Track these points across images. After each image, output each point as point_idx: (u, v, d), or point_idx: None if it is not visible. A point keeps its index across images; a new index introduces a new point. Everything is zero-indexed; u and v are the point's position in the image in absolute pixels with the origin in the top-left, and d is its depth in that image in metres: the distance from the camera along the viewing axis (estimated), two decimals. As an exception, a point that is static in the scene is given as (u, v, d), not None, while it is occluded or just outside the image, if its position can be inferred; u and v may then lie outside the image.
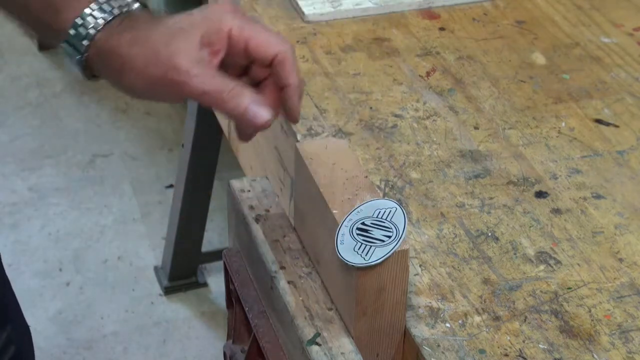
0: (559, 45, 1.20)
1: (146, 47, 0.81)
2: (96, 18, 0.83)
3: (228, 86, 0.80)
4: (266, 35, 0.81)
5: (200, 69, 0.79)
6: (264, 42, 0.81)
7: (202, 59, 0.80)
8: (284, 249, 0.92)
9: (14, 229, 2.31)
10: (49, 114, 2.63)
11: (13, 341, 1.14)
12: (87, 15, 0.83)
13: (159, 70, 0.80)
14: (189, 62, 0.79)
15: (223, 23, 0.80)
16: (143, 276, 2.22)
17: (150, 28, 0.82)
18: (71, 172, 2.48)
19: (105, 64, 0.83)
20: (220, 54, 0.81)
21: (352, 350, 0.83)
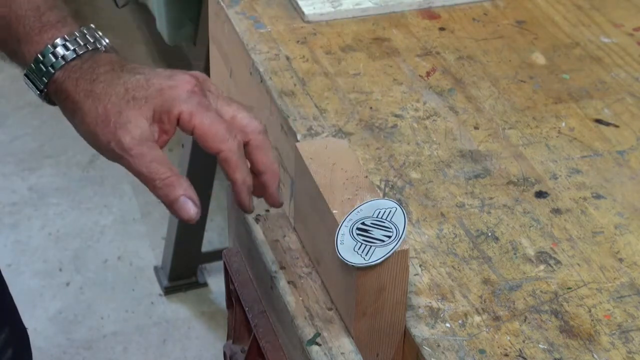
0: (559, 45, 1.20)
1: (100, 104, 0.81)
2: (57, 57, 0.83)
3: (163, 174, 0.80)
4: (215, 128, 0.80)
5: (141, 149, 0.79)
6: (209, 136, 0.80)
7: (147, 137, 0.80)
8: (284, 249, 0.92)
9: (14, 229, 2.31)
10: (49, 114, 2.63)
11: (11, 344, 1.14)
12: (49, 52, 0.83)
13: (104, 136, 0.80)
14: (132, 140, 0.79)
15: (174, 105, 0.80)
16: (143, 276, 2.22)
17: (109, 84, 0.81)
18: (71, 172, 2.48)
19: (61, 103, 0.84)
20: (169, 133, 0.81)
21: (352, 350, 0.83)
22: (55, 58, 0.83)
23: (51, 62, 0.83)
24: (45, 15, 0.85)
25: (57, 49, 0.83)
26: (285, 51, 1.16)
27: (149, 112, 0.80)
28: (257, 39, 1.17)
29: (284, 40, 1.18)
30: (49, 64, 0.83)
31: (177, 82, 0.80)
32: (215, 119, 0.80)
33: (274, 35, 1.19)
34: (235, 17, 1.21)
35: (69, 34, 0.83)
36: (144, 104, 0.80)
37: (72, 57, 0.83)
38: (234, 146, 0.80)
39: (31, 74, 0.84)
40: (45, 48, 0.83)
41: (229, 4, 1.23)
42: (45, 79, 0.84)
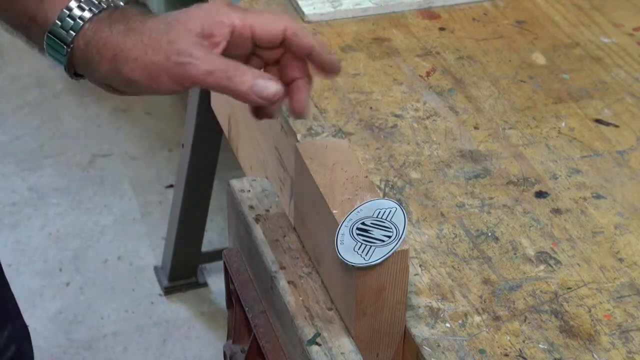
0: (559, 45, 1.20)
1: (143, 35, 0.79)
2: (83, 9, 0.81)
3: (233, 64, 0.79)
4: (268, 16, 0.81)
5: (203, 50, 0.78)
6: (269, 22, 0.81)
7: (203, 45, 0.79)
8: (284, 249, 0.92)
9: (14, 229, 2.31)
10: (49, 114, 2.63)
11: (13, 341, 1.14)
12: (74, 6, 0.81)
13: (160, 55, 0.78)
14: (192, 45, 0.78)
15: (224, 16, 0.80)
16: (143, 276, 2.22)
17: (144, 20, 0.80)
18: (71, 172, 2.48)
19: (96, 56, 0.80)
20: (221, 45, 0.80)
21: (352, 350, 0.83)
22: (82, 10, 0.80)
23: (78, 15, 0.80)
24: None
25: (82, 3, 0.81)
26: (285, 51, 1.15)
27: (197, 27, 0.79)
28: (257, 39, 1.17)
29: (284, 40, 1.18)
30: (77, 17, 0.80)
31: (212, 3, 0.81)
32: (264, 13, 0.82)
33: (274, 35, 1.18)
34: (235, 17, 1.21)
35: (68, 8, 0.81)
36: (189, 21, 0.79)
37: (97, 11, 0.81)
38: (292, 20, 0.81)
39: (57, 30, 0.80)
40: (69, 3, 0.80)
41: (229, 4, 1.23)
42: (74, 32, 0.80)
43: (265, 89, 0.79)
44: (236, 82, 0.79)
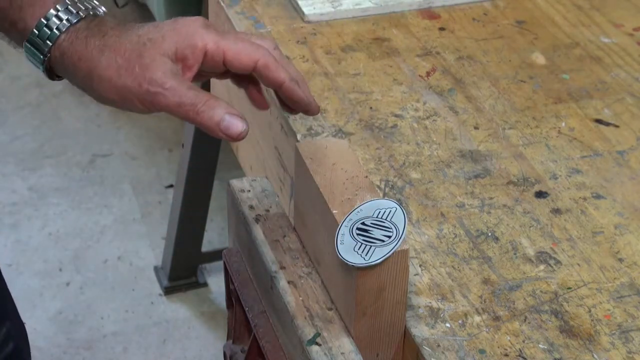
0: (559, 45, 1.20)
1: (118, 55, 0.79)
2: (61, 19, 0.81)
3: (202, 98, 0.79)
4: (242, 45, 0.81)
5: (174, 81, 0.79)
6: (242, 52, 0.80)
7: (175, 72, 0.79)
8: (284, 249, 0.92)
9: (14, 229, 2.31)
10: (49, 114, 2.63)
11: (12, 338, 1.14)
12: (52, 15, 0.81)
13: (133, 81, 0.79)
14: (164, 74, 0.78)
15: (197, 38, 0.79)
16: (143, 276, 2.22)
17: (120, 35, 0.80)
18: (71, 172, 2.48)
19: (71, 67, 0.81)
20: (193, 69, 0.80)
21: (352, 350, 0.83)
22: (60, 20, 0.81)
23: (55, 25, 0.81)
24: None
25: (60, 13, 0.81)
26: (285, 51, 1.16)
27: (170, 50, 0.79)
28: (257, 39, 1.17)
29: (284, 40, 1.18)
30: (54, 27, 0.81)
31: (187, 22, 0.80)
32: (238, 38, 0.81)
33: (274, 35, 1.19)
34: (235, 17, 1.21)
35: (61, 3, 0.81)
36: (163, 42, 0.79)
37: (75, 20, 0.81)
38: (266, 51, 0.81)
39: (34, 39, 0.81)
40: (47, 13, 0.81)
41: (229, 4, 1.23)
42: (50, 42, 0.81)
43: (231, 126, 0.80)
44: (203, 117, 0.79)
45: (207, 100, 0.79)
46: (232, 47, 0.80)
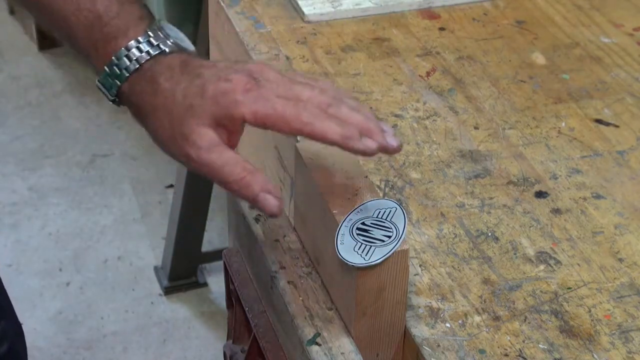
0: (559, 45, 1.20)
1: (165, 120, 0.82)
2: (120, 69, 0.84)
3: (237, 176, 0.80)
4: (281, 113, 0.79)
5: (209, 157, 0.80)
6: (282, 123, 0.79)
7: (214, 143, 0.80)
8: (284, 249, 0.92)
9: (14, 229, 2.31)
10: (49, 114, 2.63)
11: (7, 338, 1.14)
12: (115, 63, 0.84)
13: (175, 150, 0.82)
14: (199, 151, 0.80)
15: (234, 110, 0.79)
16: (143, 276, 2.22)
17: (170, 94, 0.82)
18: (71, 172, 2.48)
19: (133, 114, 0.87)
20: (236, 135, 0.81)
21: (352, 350, 0.83)
22: (119, 69, 0.84)
23: (116, 75, 0.84)
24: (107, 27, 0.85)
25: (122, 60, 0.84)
26: (285, 51, 1.16)
27: (210, 119, 0.80)
28: (257, 39, 1.17)
29: (284, 40, 1.18)
30: (114, 77, 0.84)
31: (231, 84, 0.80)
32: (279, 104, 0.79)
33: (274, 35, 1.19)
34: (235, 17, 1.21)
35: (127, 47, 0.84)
36: (202, 113, 0.80)
37: (134, 68, 0.83)
38: (306, 117, 0.79)
39: (101, 86, 0.86)
40: (109, 61, 0.84)
41: (229, 4, 1.23)
42: (114, 90, 0.85)
43: (266, 205, 0.80)
44: (240, 194, 0.81)
45: (242, 179, 0.80)
46: (271, 118, 0.79)
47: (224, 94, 0.80)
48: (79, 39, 0.86)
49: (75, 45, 0.88)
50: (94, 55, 0.86)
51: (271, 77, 0.81)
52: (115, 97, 0.86)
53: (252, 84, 0.80)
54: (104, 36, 0.85)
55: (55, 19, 0.87)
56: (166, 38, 0.85)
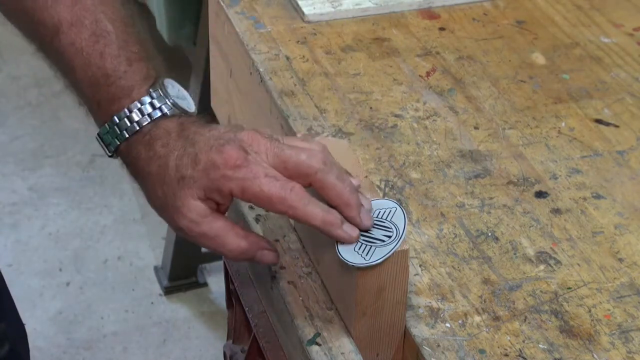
0: (559, 45, 1.20)
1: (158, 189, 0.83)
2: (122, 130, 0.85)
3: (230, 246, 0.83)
4: (267, 194, 0.80)
5: (200, 228, 0.82)
6: (266, 203, 0.80)
7: (204, 214, 0.82)
8: (284, 249, 0.92)
9: (14, 229, 2.31)
10: (48, 114, 2.63)
11: (8, 338, 1.14)
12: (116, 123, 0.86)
13: (167, 219, 0.84)
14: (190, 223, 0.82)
15: (222, 184, 0.80)
16: (143, 276, 2.22)
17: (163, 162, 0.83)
18: (71, 172, 2.48)
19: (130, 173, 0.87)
20: (225, 206, 0.82)
21: (352, 350, 0.83)
22: (120, 129, 0.85)
23: (116, 134, 0.86)
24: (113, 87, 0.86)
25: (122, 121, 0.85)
26: (285, 51, 1.16)
27: (200, 192, 0.81)
28: (257, 39, 1.17)
29: (284, 40, 1.18)
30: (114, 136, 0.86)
31: (222, 157, 0.80)
32: (264, 184, 0.80)
33: (274, 35, 1.19)
34: (235, 17, 1.21)
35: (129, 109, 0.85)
36: (193, 184, 0.81)
37: (134, 131, 0.85)
38: (291, 201, 0.79)
39: (100, 140, 0.88)
40: (110, 119, 0.86)
41: (229, 4, 1.23)
42: (113, 147, 0.86)
43: (262, 262, 0.85)
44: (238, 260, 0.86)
45: (235, 248, 0.82)
46: (257, 196, 0.80)
47: (214, 167, 0.81)
48: (83, 92, 0.88)
49: (77, 94, 0.90)
50: (96, 110, 0.87)
51: (261, 148, 0.81)
52: (113, 153, 0.87)
53: (242, 159, 0.80)
54: (109, 96, 0.86)
55: (63, 67, 0.89)
56: (166, 98, 0.86)
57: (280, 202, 0.80)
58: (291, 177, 0.80)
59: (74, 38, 0.87)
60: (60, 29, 0.87)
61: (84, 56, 0.87)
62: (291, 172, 0.81)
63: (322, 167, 0.81)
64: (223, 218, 0.82)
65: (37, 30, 0.89)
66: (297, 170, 0.80)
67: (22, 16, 0.90)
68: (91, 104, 0.88)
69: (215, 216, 0.82)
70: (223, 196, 0.81)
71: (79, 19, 0.87)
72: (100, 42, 0.87)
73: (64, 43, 0.87)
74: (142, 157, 0.84)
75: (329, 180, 0.81)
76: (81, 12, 0.87)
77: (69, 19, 0.87)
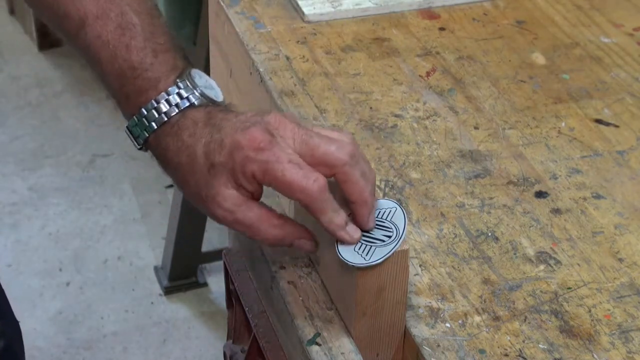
0: (559, 45, 1.20)
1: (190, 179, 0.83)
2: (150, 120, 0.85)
3: (265, 234, 0.82)
4: (288, 180, 0.79)
5: (235, 216, 0.82)
6: (285, 188, 0.79)
7: (238, 202, 0.81)
8: (284, 249, 0.92)
9: (14, 229, 2.31)
10: (49, 114, 2.63)
11: (4, 336, 1.14)
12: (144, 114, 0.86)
13: (203, 209, 0.83)
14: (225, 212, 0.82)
15: (245, 166, 0.80)
16: (143, 276, 2.22)
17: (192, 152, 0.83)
18: (71, 172, 2.48)
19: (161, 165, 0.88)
20: (257, 194, 0.82)
21: (352, 350, 0.83)
22: (148, 121, 0.85)
23: (144, 126, 0.86)
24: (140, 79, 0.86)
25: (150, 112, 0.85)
26: (285, 51, 1.16)
27: (229, 180, 0.81)
28: (257, 39, 1.17)
29: (284, 40, 1.18)
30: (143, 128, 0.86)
31: (247, 138, 0.80)
32: (289, 169, 0.79)
33: (274, 35, 1.19)
34: (235, 17, 1.21)
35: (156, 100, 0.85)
36: (222, 171, 0.81)
37: (162, 122, 0.85)
38: (311, 192, 0.79)
39: (130, 133, 0.88)
40: (138, 111, 0.86)
41: (229, 4, 1.23)
42: (142, 140, 0.87)
43: (300, 250, 0.84)
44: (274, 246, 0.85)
45: (272, 237, 0.82)
46: (277, 180, 0.79)
47: (238, 149, 0.80)
48: (110, 85, 0.88)
49: (105, 87, 0.89)
50: (124, 103, 0.87)
51: (288, 133, 0.81)
52: (142, 146, 0.88)
53: (266, 141, 0.79)
54: (136, 88, 0.86)
55: (90, 59, 0.89)
56: (194, 88, 0.85)
57: (300, 190, 0.79)
58: (316, 165, 0.80)
59: (99, 31, 0.87)
60: (86, 22, 0.87)
61: (110, 49, 0.87)
62: (317, 161, 0.80)
63: (349, 161, 0.80)
64: (258, 206, 0.82)
65: (62, 23, 0.89)
66: (324, 160, 0.80)
67: (47, 8, 0.89)
68: (119, 97, 0.87)
69: (250, 204, 0.81)
70: (247, 178, 0.80)
71: (105, 11, 0.87)
72: (126, 35, 0.86)
73: (90, 36, 0.87)
74: (171, 149, 0.84)
75: (354, 175, 0.80)
76: (107, 4, 0.87)
77: (94, 11, 0.87)
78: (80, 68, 2.77)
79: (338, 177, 0.80)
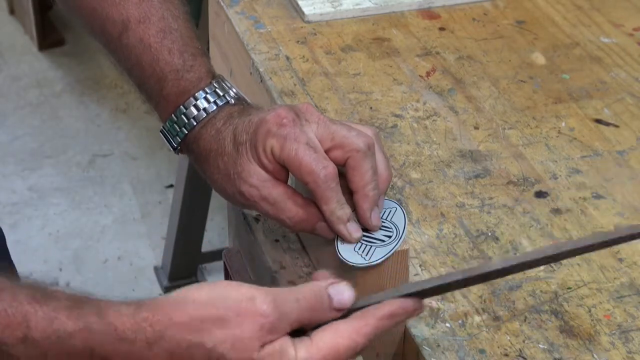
0: (559, 45, 1.20)
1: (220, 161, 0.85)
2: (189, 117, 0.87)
3: (289, 213, 0.82)
4: (300, 159, 0.80)
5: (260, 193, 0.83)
6: (296, 167, 0.80)
7: (264, 179, 0.82)
8: (284, 249, 0.92)
9: (14, 229, 2.31)
10: (49, 114, 2.63)
11: None
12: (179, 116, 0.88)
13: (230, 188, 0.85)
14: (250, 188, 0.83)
15: (266, 139, 0.81)
16: (143, 276, 2.22)
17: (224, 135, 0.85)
18: (71, 172, 2.48)
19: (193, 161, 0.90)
20: (281, 174, 0.83)
21: (352, 350, 0.82)
22: (187, 118, 0.87)
23: (183, 123, 0.88)
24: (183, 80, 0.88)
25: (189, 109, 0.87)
26: (285, 51, 1.16)
27: (253, 154, 0.82)
28: (257, 39, 1.17)
29: (284, 40, 1.18)
30: (182, 125, 0.88)
31: (272, 115, 0.81)
32: (303, 149, 0.80)
33: (274, 35, 1.19)
34: (235, 17, 1.21)
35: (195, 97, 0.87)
36: (248, 147, 0.82)
37: (202, 117, 0.87)
38: (320, 178, 0.80)
39: (166, 133, 0.90)
40: (176, 110, 0.88)
41: (229, 4, 1.23)
42: (179, 138, 0.89)
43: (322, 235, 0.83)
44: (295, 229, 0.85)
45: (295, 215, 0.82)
46: (290, 158, 0.80)
47: (262, 123, 0.81)
48: (150, 87, 0.90)
49: (143, 90, 0.91)
50: (163, 104, 0.89)
51: (314, 118, 0.82)
52: (178, 145, 0.89)
53: (289, 119, 0.81)
54: (179, 90, 0.88)
55: (130, 63, 0.90)
56: (229, 89, 0.88)
57: (308, 172, 0.80)
58: (333, 148, 0.81)
59: (142, 34, 0.89)
60: (128, 26, 0.89)
61: (152, 52, 0.89)
62: (335, 144, 0.81)
63: (363, 149, 0.81)
64: (283, 185, 0.82)
65: (104, 27, 0.91)
66: (341, 143, 0.81)
67: (89, 13, 0.91)
68: (158, 99, 0.89)
69: (275, 182, 0.82)
70: (266, 155, 0.81)
71: (147, 15, 0.89)
72: (168, 39, 0.89)
73: (132, 39, 0.89)
74: (206, 139, 0.86)
75: (364, 166, 0.81)
76: (149, 9, 0.89)
77: (137, 15, 0.89)
78: (80, 68, 2.77)
79: (348, 163, 0.81)
